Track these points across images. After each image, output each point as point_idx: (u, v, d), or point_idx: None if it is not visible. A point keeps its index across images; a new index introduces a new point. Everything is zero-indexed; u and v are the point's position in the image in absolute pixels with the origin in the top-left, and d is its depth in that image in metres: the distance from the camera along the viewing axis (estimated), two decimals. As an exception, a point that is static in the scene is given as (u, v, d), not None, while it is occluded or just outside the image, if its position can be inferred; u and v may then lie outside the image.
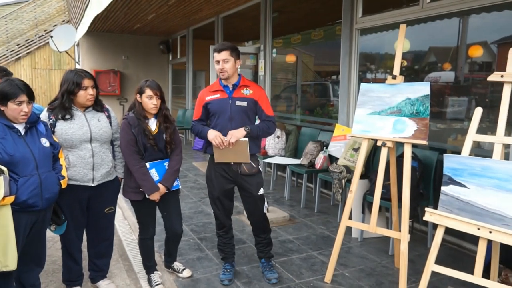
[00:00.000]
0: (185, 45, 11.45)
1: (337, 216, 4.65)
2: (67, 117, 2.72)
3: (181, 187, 3.18)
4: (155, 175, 2.93)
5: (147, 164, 2.91)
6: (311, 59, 7.71)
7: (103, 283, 3.12)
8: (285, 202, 5.35)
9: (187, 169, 7.36)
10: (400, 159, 3.32)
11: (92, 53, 12.24)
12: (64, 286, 3.05)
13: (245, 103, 3.06)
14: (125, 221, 4.59)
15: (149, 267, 3.19)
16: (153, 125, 2.95)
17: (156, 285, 3.08)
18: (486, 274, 2.48)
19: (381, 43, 5.08)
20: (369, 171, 4.42)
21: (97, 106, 2.87)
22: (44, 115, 2.72)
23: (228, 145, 2.95)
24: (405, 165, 2.95)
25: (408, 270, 2.90)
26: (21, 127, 2.42)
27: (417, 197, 3.68)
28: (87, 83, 2.73)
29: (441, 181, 2.56)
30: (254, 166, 3.11)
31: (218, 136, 2.95)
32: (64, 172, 2.62)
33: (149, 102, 2.88)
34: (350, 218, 3.26)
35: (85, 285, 3.11)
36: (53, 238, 3.69)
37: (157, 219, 3.13)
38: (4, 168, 2.26)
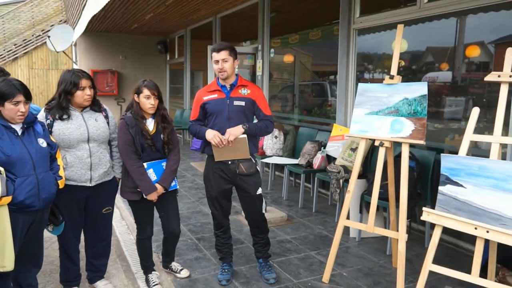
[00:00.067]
0: (183, 45, 11.44)
1: (335, 216, 4.65)
2: (65, 117, 2.71)
3: (179, 187, 3.18)
4: (153, 175, 2.93)
5: (145, 164, 2.90)
6: (309, 59, 7.71)
7: (101, 284, 3.11)
8: (283, 202, 5.35)
9: (185, 169, 7.35)
10: (397, 159, 3.32)
11: (89, 53, 12.22)
12: (61, 286, 3.04)
13: (243, 103, 3.06)
14: (122, 221, 4.59)
15: (147, 268, 3.18)
16: (150, 125, 2.94)
17: (154, 285, 3.08)
18: (483, 273, 2.50)
19: (379, 43, 5.09)
20: (367, 171, 4.42)
21: (95, 106, 2.87)
22: (41, 115, 2.71)
23: (227, 144, 2.95)
24: (402, 165, 2.95)
25: (405, 269, 2.90)
26: (18, 127, 2.41)
27: (414, 197, 3.69)
28: (84, 83, 2.72)
29: (438, 181, 2.56)
30: (252, 165, 3.11)
31: (216, 135, 2.95)
32: (61, 172, 2.62)
33: (147, 102, 2.87)
34: (348, 218, 3.26)
35: (82, 286, 3.10)
36: (50, 238, 3.69)
37: (155, 219, 3.12)
38: (1, 168, 2.25)
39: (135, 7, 8.17)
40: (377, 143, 3.10)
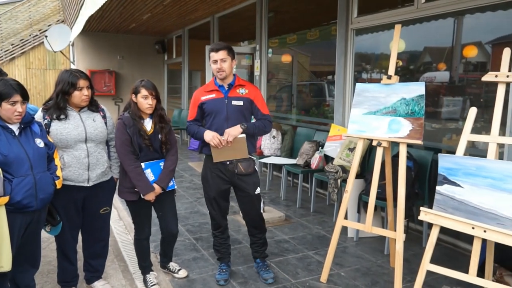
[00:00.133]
0: (180, 45, 11.43)
1: (332, 215, 4.66)
2: (62, 117, 2.71)
3: (176, 187, 3.17)
4: (151, 175, 2.93)
5: (143, 164, 2.90)
6: (307, 59, 7.72)
7: (99, 284, 3.11)
8: (281, 202, 5.36)
9: (183, 169, 7.35)
10: (395, 158, 3.32)
11: (87, 53, 12.19)
12: (59, 287, 3.03)
13: (241, 103, 3.06)
14: (120, 222, 4.58)
15: (145, 268, 3.18)
16: (148, 125, 2.94)
17: (151, 286, 3.08)
18: (480, 273, 2.50)
19: (377, 43, 5.10)
20: (365, 171, 4.43)
21: (92, 106, 2.86)
22: (39, 115, 2.71)
23: (226, 144, 2.95)
24: (400, 165, 2.96)
25: (403, 269, 2.90)
26: (15, 128, 2.40)
27: (412, 196, 3.70)
28: (82, 83, 2.72)
29: (436, 180, 2.57)
30: (250, 165, 3.11)
31: (215, 136, 2.94)
32: (59, 172, 2.61)
33: (144, 102, 2.87)
34: (345, 217, 3.27)
35: (80, 286, 3.09)
36: (48, 238, 3.68)
37: (153, 219, 3.12)
38: (-2, 168, 2.25)
39: (132, 7, 8.16)
40: (374, 143, 3.10)
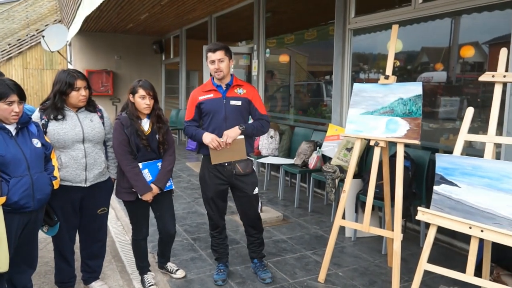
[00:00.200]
0: (178, 45, 11.42)
1: (330, 215, 4.66)
2: (59, 117, 2.70)
3: (174, 187, 3.17)
4: (148, 176, 2.92)
5: (140, 164, 2.89)
6: (305, 59, 7.72)
7: (96, 285, 3.10)
8: (278, 202, 5.36)
9: (181, 169, 7.34)
10: (392, 158, 3.33)
11: (84, 53, 12.16)
12: (56, 287, 3.02)
13: (239, 103, 3.06)
14: (118, 222, 4.57)
15: (143, 268, 3.17)
16: (146, 125, 2.93)
17: (149, 286, 3.07)
18: (478, 272, 2.50)
19: (374, 43, 5.11)
20: (362, 171, 4.43)
21: (90, 106, 2.86)
22: (36, 116, 2.70)
23: (225, 146, 2.95)
24: (397, 165, 2.96)
25: (401, 269, 2.91)
26: (12, 128, 2.39)
27: (409, 196, 3.71)
28: (79, 84, 2.71)
29: (433, 180, 2.57)
30: (248, 165, 3.11)
31: (214, 139, 2.94)
32: (56, 172, 2.60)
33: (142, 102, 2.86)
34: (343, 217, 3.27)
35: (77, 287, 3.08)
36: (45, 239, 3.67)
37: (151, 219, 3.12)
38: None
39: (130, 6, 8.14)
40: (372, 143, 3.11)
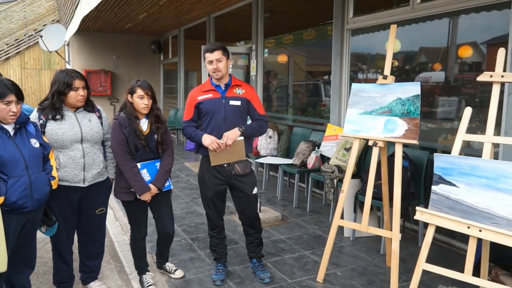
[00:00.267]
0: (176, 45, 11.41)
1: (329, 215, 4.67)
2: (58, 117, 2.70)
3: (173, 187, 3.17)
4: (147, 176, 2.92)
5: (139, 164, 2.89)
6: (303, 59, 7.72)
7: (95, 285, 3.10)
8: (277, 202, 5.36)
9: (179, 169, 7.34)
10: (391, 158, 3.34)
11: (82, 53, 12.14)
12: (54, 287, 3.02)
13: (238, 103, 3.06)
14: (116, 222, 4.56)
15: (141, 268, 3.17)
16: (144, 125, 2.93)
17: (148, 286, 3.07)
18: (476, 272, 2.51)
19: (372, 43, 5.11)
20: (361, 171, 4.44)
21: (88, 106, 2.85)
22: (34, 116, 2.69)
23: (225, 147, 2.95)
24: (396, 165, 2.96)
25: (399, 269, 2.92)
26: (10, 128, 2.39)
27: (408, 196, 3.71)
28: (78, 84, 2.71)
29: (431, 180, 2.58)
30: (247, 165, 3.11)
31: (214, 141, 2.93)
32: (54, 172, 2.60)
33: (140, 102, 2.86)
34: (342, 217, 3.27)
35: (76, 287, 3.08)
36: (43, 239, 3.66)
37: (149, 219, 3.11)
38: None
39: (128, 6, 8.13)
40: (370, 143, 3.11)
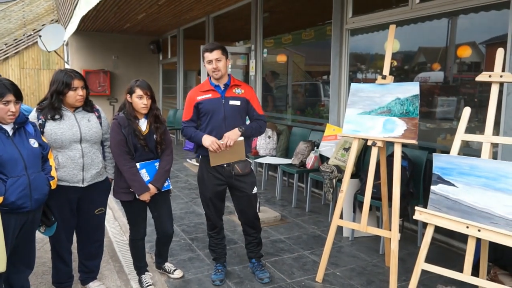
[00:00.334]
0: (175, 45, 11.40)
1: (328, 215, 4.67)
2: (57, 117, 2.69)
3: (172, 187, 3.17)
4: (146, 176, 2.92)
5: (138, 164, 2.89)
6: (302, 59, 7.72)
7: (94, 285, 3.10)
8: (276, 202, 5.36)
9: (178, 169, 7.33)
10: (390, 158, 3.34)
11: (81, 53, 12.13)
12: (53, 288, 3.02)
13: (238, 103, 3.06)
14: (115, 222, 4.56)
15: (140, 268, 3.17)
16: (143, 125, 2.93)
17: (147, 286, 3.07)
18: (475, 272, 2.51)
19: (371, 43, 5.11)
20: (360, 171, 4.44)
21: (87, 106, 2.85)
22: (33, 115, 2.69)
23: (225, 148, 2.94)
24: (395, 165, 2.97)
25: (398, 268, 2.92)
26: (9, 128, 2.38)
27: (407, 196, 3.72)
28: (77, 83, 2.70)
29: (430, 180, 2.58)
30: (247, 165, 3.11)
31: (214, 142, 2.93)
32: (53, 172, 2.59)
33: (139, 102, 2.86)
34: (341, 217, 3.27)
35: (75, 287, 3.07)
36: (42, 239, 3.66)
37: (148, 219, 3.11)
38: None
39: (127, 6, 8.13)
40: (369, 143, 3.11)
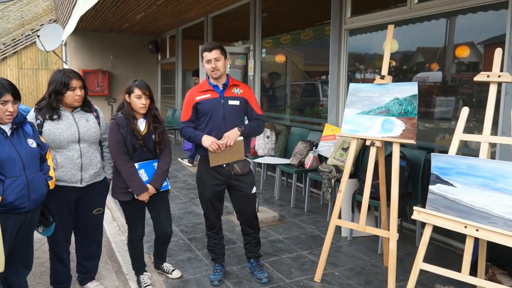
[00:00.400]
0: (174, 45, 11.39)
1: (326, 215, 4.67)
2: (55, 117, 2.69)
3: (170, 187, 3.16)
4: (144, 176, 2.91)
5: (136, 164, 2.89)
6: (301, 59, 7.73)
7: (92, 285, 3.09)
8: (275, 202, 5.36)
9: (177, 169, 7.33)
10: (388, 158, 3.34)
11: (80, 53, 12.12)
12: (52, 288, 3.02)
13: (237, 102, 3.06)
14: (114, 222, 4.56)
15: (139, 268, 3.17)
16: (142, 125, 2.93)
17: (145, 286, 3.06)
18: (473, 271, 2.52)
19: (370, 43, 5.12)
20: (358, 171, 4.44)
21: (86, 106, 2.85)
22: (31, 115, 2.69)
23: (225, 148, 2.94)
24: (393, 165, 2.97)
25: (396, 268, 2.92)
26: (7, 128, 2.38)
27: (405, 196, 3.72)
28: (75, 83, 2.70)
29: (429, 180, 2.58)
30: (246, 165, 3.11)
31: (214, 142, 2.93)
32: (51, 173, 2.59)
33: (138, 102, 2.86)
34: (339, 217, 3.27)
35: (73, 287, 3.07)
36: (40, 239, 3.65)
37: (147, 220, 3.11)
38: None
39: (126, 6, 8.12)
40: (368, 143, 3.11)
